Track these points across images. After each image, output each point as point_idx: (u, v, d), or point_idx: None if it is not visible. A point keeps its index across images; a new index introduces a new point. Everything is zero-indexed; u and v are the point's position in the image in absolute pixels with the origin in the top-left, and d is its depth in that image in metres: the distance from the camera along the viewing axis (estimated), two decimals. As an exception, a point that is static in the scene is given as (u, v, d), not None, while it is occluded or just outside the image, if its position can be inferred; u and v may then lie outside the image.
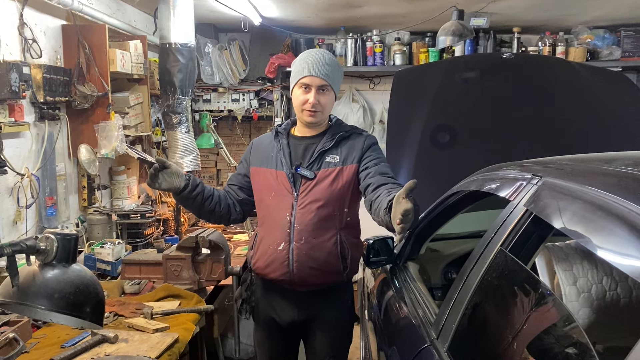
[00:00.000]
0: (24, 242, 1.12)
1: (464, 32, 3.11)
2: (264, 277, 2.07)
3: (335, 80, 2.03)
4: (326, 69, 1.99)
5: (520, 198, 1.45)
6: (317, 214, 1.97)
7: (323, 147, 2.03)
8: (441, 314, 1.60)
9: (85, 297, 1.16)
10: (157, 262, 2.57)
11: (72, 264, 1.19)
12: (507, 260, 1.35)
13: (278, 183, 2.02)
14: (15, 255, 1.10)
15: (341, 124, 2.14)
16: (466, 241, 2.79)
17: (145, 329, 2.11)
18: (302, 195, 1.99)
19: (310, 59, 2.00)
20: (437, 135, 3.40)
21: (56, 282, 1.13)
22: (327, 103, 2.03)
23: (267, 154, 2.09)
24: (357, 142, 2.05)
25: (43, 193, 2.62)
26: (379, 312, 2.39)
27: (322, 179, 2.00)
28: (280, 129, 2.13)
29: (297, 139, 2.10)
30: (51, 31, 2.80)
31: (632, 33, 4.25)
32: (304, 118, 2.04)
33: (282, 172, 2.02)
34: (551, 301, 1.17)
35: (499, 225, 1.48)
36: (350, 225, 2.06)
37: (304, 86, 2.00)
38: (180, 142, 3.49)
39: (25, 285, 1.11)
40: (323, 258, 1.98)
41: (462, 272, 1.57)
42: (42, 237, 1.17)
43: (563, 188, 1.29)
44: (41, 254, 1.14)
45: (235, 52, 4.45)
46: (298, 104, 2.02)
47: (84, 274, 1.19)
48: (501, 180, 1.65)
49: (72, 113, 2.87)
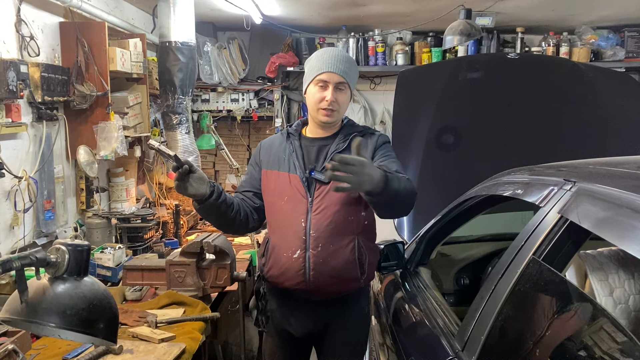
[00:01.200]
0: (33, 254, 1.03)
1: (472, 31, 3.05)
2: (277, 285, 1.98)
3: (352, 78, 1.95)
4: (344, 65, 1.90)
5: (553, 204, 1.38)
6: (333, 219, 1.89)
7: (336, 148, 1.95)
8: (466, 325, 1.53)
9: (99, 313, 1.08)
10: (160, 268, 2.48)
11: (84, 276, 1.11)
12: (542, 270, 1.28)
13: (291, 187, 1.93)
14: (25, 268, 1.01)
15: (353, 124, 2.05)
16: (476, 245, 2.74)
17: (151, 339, 2.03)
18: (317, 199, 1.91)
19: (328, 55, 1.92)
20: (443, 136, 3.34)
21: (68, 297, 1.05)
22: (344, 102, 1.94)
23: (279, 156, 2.00)
24: (370, 141, 1.97)
25: (41, 196, 2.53)
26: (388, 315, 2.33)
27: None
28: (292, 130, 2.04)
29: (310, 140, 2.02)
30: (49, 28, 2.70)
31: (635, 34, 4.21)
32: (319, 117, 1.94)
33: (296, 175, 1.94)
34: (597, 314, 1.10)
35: (530, 232, 1.41)
36: (367, 229, 1.98)
37: (321, 83, 1.90)
38: (180, 143, 3.41)
39: (35, 301, 1.02)
40: (341, 265, 1.89)
41: (488, 281, 1.50)
42: (52, 249, 1.09)
43: (602, 194, 1.22)
44: (52, 266, 1.06)
45: (234, 51, 4.36)
46: (313, 103, 1.93)
47: (98, 287, 1.11)
48: (527, 185, 1.58)
49: (70, 113, 2.78)
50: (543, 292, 1.29)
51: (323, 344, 2.05)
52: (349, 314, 2.00)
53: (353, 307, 2.01)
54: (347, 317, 2.00)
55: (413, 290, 2.19)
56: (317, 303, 1.96)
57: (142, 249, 3.05)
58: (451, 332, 1.67)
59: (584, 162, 1.61)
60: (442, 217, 2.26)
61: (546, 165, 1.83)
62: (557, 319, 1.22)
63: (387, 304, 2.39)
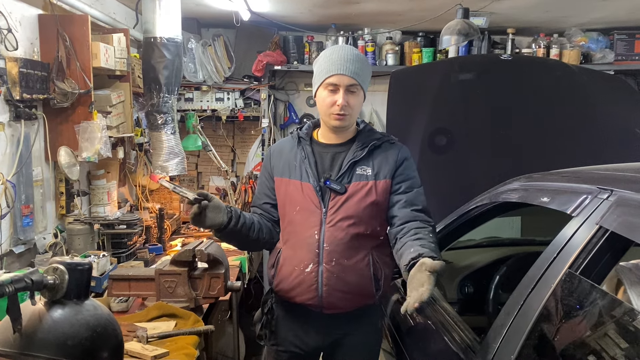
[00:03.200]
0: (28, 276, 0.89)
1: (470, 31, 2.98)
2: (288, 300, 1.87)
3: (364, 78, 1.82)
4: (355, 66, 1.77)
5: (588, 214, 1.30)
6: (348, 233, 1.77)
7: (354, 157, 1.82)
8: (490, 342, 1.44)
9: (104, 342, 0.95)
10: (149, 277, 2.32)
11: (85, 300, 0.97)
12: (582, 284, 1.19)
13: (304, 196, 1.81)
14: (18, 293, 0.87)
15: (371, 130, 1.92)
16: (477, 252, 2.66)
17: (143, 356, 1.87)
18: (331, 211, 1.79)
19: (337, 55, 1.79)
20: (437, 139, 3.28)
21: (68, 324, 0.91)
22: (356, 105, 1.82)
23: (290, 162, 1.88)
24: (390, 154, 1.84)
25: (19, 201, 2.35)
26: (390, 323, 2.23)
27: (354, 194, 1.79)
28: (303, 134, 1.90)
29: (323, 146, 1.89)
30: (27, 21, 2.52)
31: (625, 36, 4.21)
32: (331, 122, 1.82)
33: (309, 184, 1.81)
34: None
35: (563, 244, 1.32)
36: (383, 244, 1.86)
37: (331, 87, 1.78)
38: (165, 144, 3.25)
39: (30, 331, 0.89)
40: (355, 281, 1.79)
41: (516, 296, 1.41)
42: (49, 269, 0.95)
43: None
44: (49, 290, 0.92)
45: (220, 49, 4.21)
46: (325, 107, 1.81)
47: (101, 312, 0.98)
48: (555, 193, 1.50)
49: (50, 112, 2.60)
50: (583, 308, 1.20)
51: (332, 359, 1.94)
52: (361, 330, 1.90)
53: (365, 323, 1.90)
54: (359, 333, 1.90)
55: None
56: (328, 318, 1.85)
57: (126, 255, 2.88)
58: (470, 347, 1.57)
59: (613, 168, 1.53)
60: (450, 223, 2.17)
61: (567, 172, 1.75)
62: (601, 337, 1.13)
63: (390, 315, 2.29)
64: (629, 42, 4.21)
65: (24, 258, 2.45)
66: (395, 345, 2.18)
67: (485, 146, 3.23)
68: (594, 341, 1.14)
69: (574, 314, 1.22)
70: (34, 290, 0.91)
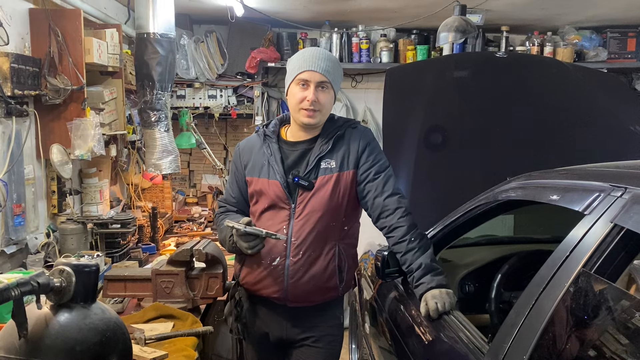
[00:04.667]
0: (34, 279, 0.85)
1: (468, 28, 2.96)
2: (254, 292, 1.94)
3: (335, 77, 1.86)
4: (326, 64, 1.82)
5: (601, 212, 1.28)
6: (316, 226, 1.84)
7: (320, 152, 1.87)
8: (500, 342, 1.41)
9: (113, 346, 0.91)
10: (146, 277, 2.28)
11: (93, 303, 0.93)
12: (597, 284, 1.17)
13: (272, 194, 1.86)
14: (24, 297, 0.83)
15: (332, 119, 1.95)
16: (475, 250, 2.64)
17: (142, 358, 1.83)
18: (300, 206, 1.85)
19: (309, 53, 1.86)
20: (433, 136, 3.26)
21: (77, 329, 0.87)
22: (326, 102, 1.85)
23: (257, 160, 1.91)
24: (352, 142, 1.89)
25: (10, 200, 2.29)
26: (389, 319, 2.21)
27: (320, 188, 1.85)
28: (269, 132, 1.93)
29: (291, 144, 1.92)
30: (18, 15, 2.45)
31: (617, 35, 4.23)
32: (300, 119, 1.85)
33: (276, 181, 1.86)
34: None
35: (575, 243, 1.30)
36: (348, 235, 1.94)
37: (302, 82, 1.82)
38: (159, 142, 3.19)
39: (37, 336, 0.84)
40: (320, 273, 1.86)
41: (526, 295, 1.38)
42: (54, 271, 0.91)
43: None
44: (56, 293, 0.88)
45: (212, 45, 4.15)
46: (295, 103, 1.84)
47: (109, 315, 0.94)
48: (564, 191, 1.48)
49: (41, 109, 2.53)
50: (600, 307, 1.18)
51: (297, 352, 2.00)
52: (324, 323, 1.97)
53: (328, 315, 1.98)
54: (323, 325, 1.97)
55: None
56: (291, 310, 1.92)
57: (119, 255, 2.83)
58: (478, 348, 1.55)
59: (623, 165, 1.52)
60: (451, 221, 2.14)
61: (574, 169, 1.73)
62: (619, 338, 1.12)
63: (389, 313, 2.27)
64: (622, 41, 4.22)
65: (15, 258, 2.39)
66: (394, 343, 2.15)
67: (480, 143, 3.22)
68: (612, 342, 1.13)
69: (590, 314, 1.20)
70: (40, 294, 0.86)
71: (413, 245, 1.84)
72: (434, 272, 1.82)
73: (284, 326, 1.97)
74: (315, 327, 1.96)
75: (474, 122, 3.26)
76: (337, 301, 2.02)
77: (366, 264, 3.06)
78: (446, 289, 1.79)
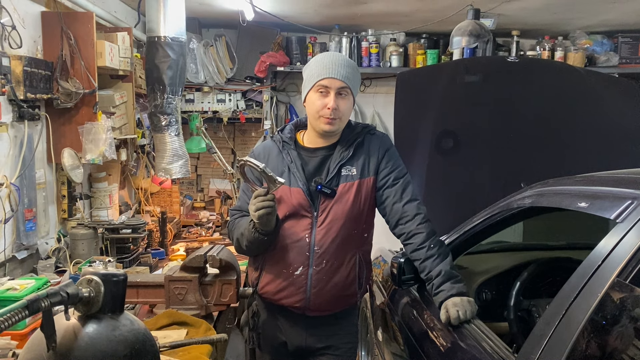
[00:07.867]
0: (63, 289, 0.82)
1: (482, 32, 2.94)
2: (273, 302, 1.90)
3: (354, 84, 1.83)
4: (346, 70, 1.78)
5: (634, 220, 1.25)
6: (338, 234, 1.81)
7: (341, 159, 1.83)
8: (527, 353, 1.38)
9: (142, 359, 0.87)
10: (158, 284, 2.24)
11: (121, 314, 0.90)
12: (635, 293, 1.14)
13: (294, 201, 1.82)
14: (53, 308, 0.80)
15: (350, 126, 1.91)
16: (492, 257, 2.61)
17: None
18: (322, 214, 1.81)
19: (328, 59, 1.80)
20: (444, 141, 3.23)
21: (106, 341, 0.84)
22: (346, 109, 1.81)
23: (277, 167, 1.85)
24: (371, 149, 1.87)
25: (22, 205, 2.26)
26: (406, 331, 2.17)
27: (342, 195, 1.82)
28: (286, 138, 1.89)
29: (310, 150, 1.88)
30: (30, 18, 2.44)
31: (629, 39, 4.20)
32: (320, 126, 1.81)
33: (298, 189, 1.81)
34: None
35: (608, 251, 1.27)
36: (367, 242, 1.93)
37: (321, 89, 1.78)
38: (169, 146, 3.17)
39: (65, 348, 0.81)
40: (342, 282, 1.84)
41: (556, 305, 1.35)
42: (82, 280, 0.88)
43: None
44: (84, 304, 0.85)
45: (221, 49, 4.13)
46: (314, 111, 1.79)
47: (138, 327, 0.91)
48: (593, 199, 1.44)
49: (53, 112, 2.51)
50: (635, 318, 1.15)
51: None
52: (343, 331, 1.95)
53: (346, 324, 1.96)
54: (341, 334, 1.95)
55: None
56: (310, 319, 1.89)
57: (129, 260, 2.80)
58: (503, 358, 1.51)
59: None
60: (469, 228, 2.11)
61: (594, 176, 1.70)
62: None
63: (403, 319, 2.23)
64: (633, 45, 4.20)
65: (26, 264, 2.36)
66: (410, 350, 2.12)
67: (492, 148, 3.19)
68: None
69: (625, 325, 1.16)
70: (69, 305, 0.83)
71: (432, 252, 1.81)
72: (454, 279, 1.79)
73: (304, 335, 1.93)
74: (335, 335, 1.94)
75: (485, 127, 3.23)
76: (354, 308, 2.00)
77: (377, 269, 3.03)
78: (467, 297, 1.76)
